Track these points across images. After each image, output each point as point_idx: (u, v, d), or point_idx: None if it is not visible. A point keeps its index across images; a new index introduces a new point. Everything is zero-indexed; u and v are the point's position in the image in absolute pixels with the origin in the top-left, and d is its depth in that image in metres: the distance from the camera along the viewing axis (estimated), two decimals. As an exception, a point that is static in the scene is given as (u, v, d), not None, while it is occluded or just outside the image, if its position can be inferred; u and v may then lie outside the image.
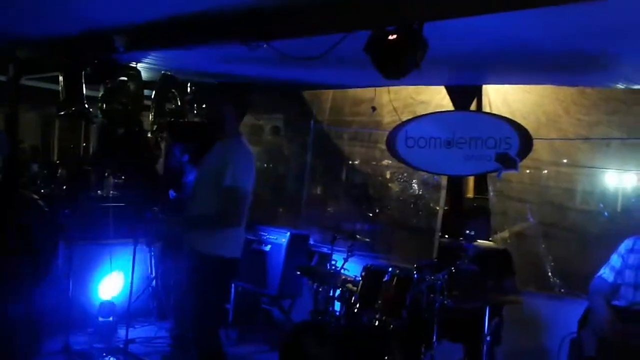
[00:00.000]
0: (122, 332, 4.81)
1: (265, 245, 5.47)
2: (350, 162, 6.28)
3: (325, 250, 5.60)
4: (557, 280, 4.79)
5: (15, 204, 4.09)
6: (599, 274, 3.85)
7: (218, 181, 3.28)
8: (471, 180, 5.81)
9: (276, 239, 5.49)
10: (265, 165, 6.73)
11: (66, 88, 4.82)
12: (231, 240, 3.39)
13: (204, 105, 5.13)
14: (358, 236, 4.60)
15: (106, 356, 4.50)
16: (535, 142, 4.71)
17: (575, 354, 3.78)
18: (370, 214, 6.01)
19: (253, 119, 6.66)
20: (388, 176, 6.07)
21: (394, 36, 2.62)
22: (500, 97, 5.09)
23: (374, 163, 6.11)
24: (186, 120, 5.38)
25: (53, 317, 4.66)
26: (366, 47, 2.72)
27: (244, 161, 3.35)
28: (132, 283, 3.50)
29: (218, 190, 3.28)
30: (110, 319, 4.99)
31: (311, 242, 5.77)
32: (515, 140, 4.69)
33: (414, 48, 2.62)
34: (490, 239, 4.40)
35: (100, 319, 5.11)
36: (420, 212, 5.66)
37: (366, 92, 5.79)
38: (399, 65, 2.67)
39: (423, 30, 2.62)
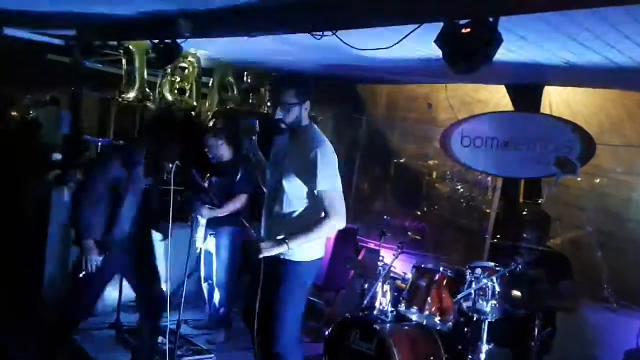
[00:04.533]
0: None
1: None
2: (398, 159, 6.23)
3: (372, 245, 5.58)
4: (612, 291, 4.64)
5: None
6: None
7: (306, 181, 2.99)
8: (521, 184, 5.67)
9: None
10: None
11: (128, 72, 4.93)
12: (315, 243, 3.12)
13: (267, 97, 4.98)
14: (410, 233, 4.55)
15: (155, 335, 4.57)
16: (596, 147, 4.56)
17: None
18: (419, 212, 5.95)
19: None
20: (436, 175, 6.00)
21: (468, 29, 2.56)
22: (562, 99, 4.97)
23: (421, 162, 6.05)
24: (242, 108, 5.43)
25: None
26: (438, 39, 2.67)
27: (329, 157, 3.03)
28: (187, 266, 3.53)
29: (306, 189, 3.01)
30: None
31: (358, 236, 5.75)
32: (577, 144, 4.56)
33: (488, 42, 2.55)
34: (547, 244, 4.28)
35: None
36: (471, 213, 5.57)
37: (422, 88, 5.74)
38: (471, 60, 2.61)
39: (498, 24, 2.56)
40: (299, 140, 3.06)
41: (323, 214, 2.99)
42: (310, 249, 3.10)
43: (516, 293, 3.81)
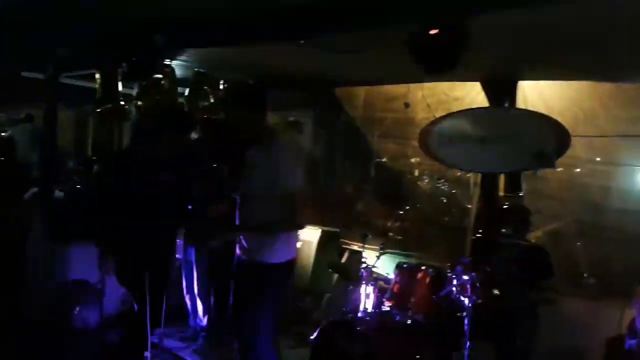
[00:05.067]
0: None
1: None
2: (381, 159, 6.25)
3: (355, 247, 5.59)
4: (593, 281, 4.69)
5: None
6: None
7: (270, 188, 3.16)
8: (501, 178, 5.74)
9: (307, 235, 5.49)
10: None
11: (103, 86, 4.90)
12: (288, 244, 3.31)
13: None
14: (390, 234, 4.57)
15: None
16: (572, 139, 4.61)
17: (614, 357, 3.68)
18: (401, 212, 5.97)
19: (283, 116, 6.67)
20: (417, 174, 6.03)
21: (437, 31, 2.58)
22: (536, 93, 5.01)
23: (403, 161, 6.07)
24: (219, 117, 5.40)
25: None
26: (408, 41, 2.70)
27: (286, 160, 3.27)
28: (168, 278, 3.52)
29: (271, 197, 3.16)
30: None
31: (341, 239, 5.76)
32: (553, 137, 4.59)
33: (456, 43, 2.58)
34: (526, 237, 4.32)
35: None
36: (452, 210, 5.60)
37: (399, 89, 5.75)
38: (441, 61, 2.64)
39: (466, 24, 2.59)
40: (260, 149, 3.29)
41: (284, 213, 3.16)
42: (279, 250, 3.22)
43: (497, 288, 3.84)
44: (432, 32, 2.58)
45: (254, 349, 3.18)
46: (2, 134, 6.17)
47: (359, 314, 4.20)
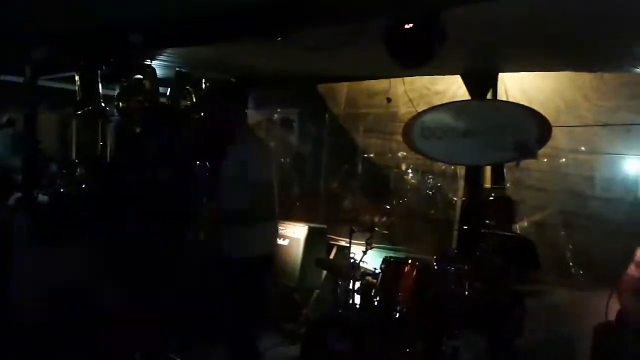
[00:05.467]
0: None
1: (284, 240, 5.48)
2: (366, 155, 6.27)
3: (343, 242, 5.60)
4: (579, 270, 4.73)
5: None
6: None
7: (242, 180, 3.23)
8: (488, 170, 5.78)
9: (294, 233, 5.49)
10: (282, 160, 6.75)
11: (82, 87, 4.86)
12: (260, 238, 3.35)
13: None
14: (376, 228, 4.58)
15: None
16: (554, 129, 4.65)
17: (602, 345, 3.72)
18: (388, 206, 5.98)
19: (268, 115, 6.67)
20: (404, 168, 6.05)
21: (410, 25, 2.59)
22: (517, 85, 5.03)
23: (390, 155, 6.09)
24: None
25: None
26: (383, 36, 2.70)
27: (261, 155, 3.35)
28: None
29: (243, 190, 3.22)
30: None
31: (329, 234, 5.76)
32: (534, 128, 4.62)
33: (431, 37, 2.59)
34: (512, 229, 4.35)
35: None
36: (438, 203, 5.63)
37: (381, 84, 5.76)
38: (416, 55, 2.65)
39: (441, 18, 2.59)
40: (237, 145, 3.36)
41: (253, 204, 3.22)
42: (251, 243, 3.26)
43: (484, 280, 3.87)
44: (407, 26, 2.59)
45: (233, 347, 3.19)
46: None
47: (349, 310, 4.21)
